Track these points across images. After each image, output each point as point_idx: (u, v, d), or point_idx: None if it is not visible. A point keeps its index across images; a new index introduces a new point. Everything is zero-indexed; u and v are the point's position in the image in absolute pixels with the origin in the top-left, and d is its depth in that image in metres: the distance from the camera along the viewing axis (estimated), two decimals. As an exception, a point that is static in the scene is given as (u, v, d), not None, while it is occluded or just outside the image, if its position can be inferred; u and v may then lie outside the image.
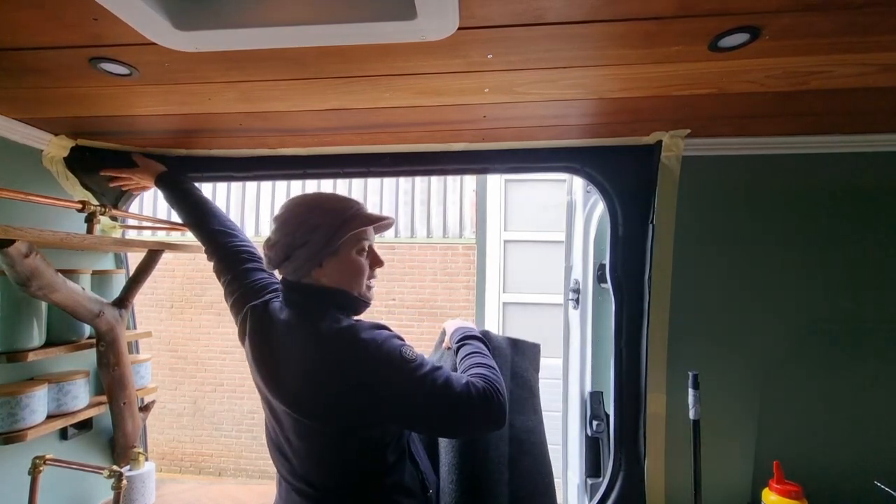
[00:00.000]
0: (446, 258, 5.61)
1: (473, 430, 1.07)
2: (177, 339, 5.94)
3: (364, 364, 0.94)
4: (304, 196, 1.10)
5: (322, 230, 1.02)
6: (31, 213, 1.40)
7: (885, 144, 1.36)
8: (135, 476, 1.55)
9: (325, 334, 0.98)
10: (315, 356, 0.97)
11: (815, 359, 1.42)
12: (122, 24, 0.81)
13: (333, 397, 0.95)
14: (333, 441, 0.99)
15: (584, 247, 1.99)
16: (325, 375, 0.96)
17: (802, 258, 1.41)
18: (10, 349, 1.29)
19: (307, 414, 0.98)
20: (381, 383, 0.94)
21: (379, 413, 0.96)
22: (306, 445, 1.01)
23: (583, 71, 1.00)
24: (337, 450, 1.00)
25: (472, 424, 1.00)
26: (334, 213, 1.05)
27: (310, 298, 1.06)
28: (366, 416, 0.96)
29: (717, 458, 1.40)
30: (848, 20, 0.80)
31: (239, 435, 5.80)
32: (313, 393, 0.97)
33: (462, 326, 1.28)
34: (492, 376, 1.01)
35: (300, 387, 0.98)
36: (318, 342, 0.98)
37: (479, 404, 0.95)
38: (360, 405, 0.95)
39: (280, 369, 1.01)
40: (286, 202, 1.10)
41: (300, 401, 0.98)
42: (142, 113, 1.27)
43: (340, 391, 0.94)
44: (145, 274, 1.60)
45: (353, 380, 0.94)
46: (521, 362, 1.33)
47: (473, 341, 1.20)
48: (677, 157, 1.39)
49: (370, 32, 0.83)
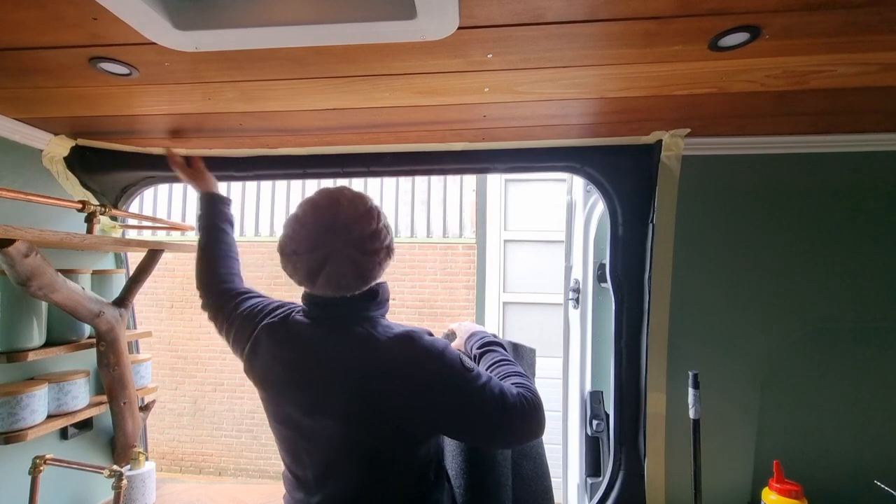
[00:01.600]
0: (446, 258, 5.61)
1: (521, 440, 1.02)
2: (177, 338, 5.94)
3: (428, 371, 0.90)
4: (351, 189, 0.99)
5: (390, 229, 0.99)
6: (31, 213, 1.40)
7: (885, 144, 1.36)
8: (135, 476, 1.55)
9: (383, 340, 0.92)
10: (375, 362, 0.92)
11: (815, 358, 1.42)
12: (121, 24, 0.81)
13: (393, 406, 0.90)
14: (382, 457, 0.94)
15: (584, 246, 1.99)
16: (386, 381, 0.90)
17: (802, 257, 1.41)
18: (10, 349, 1.29)
19: (360, 425, 0.92)
20: (444, 391, 0.90)
21: (436, 421, 0.93)
22: (349, 462, 0.95)
23: (583, 70, 1.00)
24: (385, 466, 0.95)
25: (522, 434, 0.96)
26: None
27: (351, 305, 0.97)
28: (421, 426, 0.93)
29: (717, 458, 1.40)
30: (848, 19, 0.80)
31: (239, 435, 5.80)
32: (372, 402, 0.91)
33: (478, 331, 1.23)
34: (532, 387, 0.98)
35: (353, 397, 0.91)
36: (377, 348, 0.92)
37: (531, 415, 0.92)
38: (419, 413, 0.91)
39: (325, 382, 0.93)
40: (351, 194, 0.96)
41: (351, 412, 0.92)
42: (142, 113, 1.27)
43: (401, 398, 0.90)
44: (145, 274, 1.60)
45: (417, 387, 0.90)
46: (522, 366, 1.33)
47: (498, 348, 1.15)
48: (677, 157, 1.39)
49: (370, 32, 0.83)
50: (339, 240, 0.91)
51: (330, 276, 0.92)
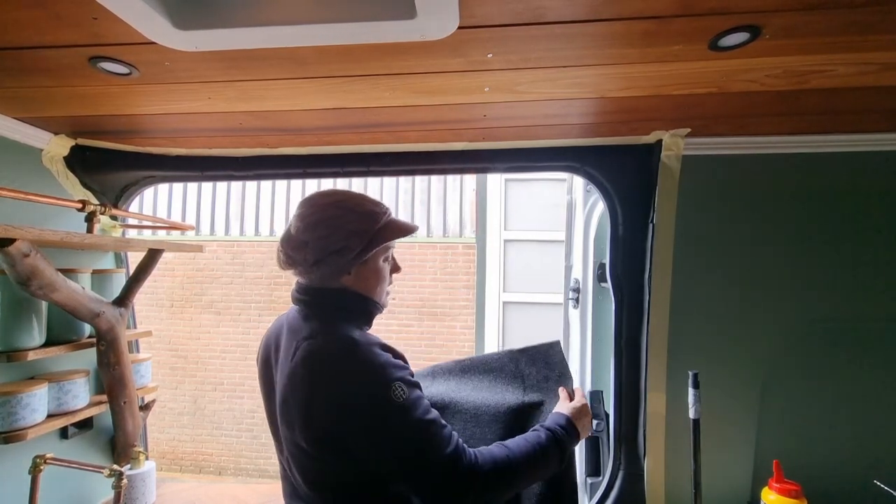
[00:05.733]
0: (446, 257, 5.61)
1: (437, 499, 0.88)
2: (177, 338, 5.94)
3: (350, 385, 0.85)
4: (333, 194, 0.98)
5: (359, 237, 0.94)
6: (31, 213, 1.40)
7: (885, 144, 1.36)
8: (135, 475, 1.55)
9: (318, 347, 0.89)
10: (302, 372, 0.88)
11: (815, 358, 1.42)
12: (121, 24, 0.81)
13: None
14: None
15: (584, 246, 1.99)
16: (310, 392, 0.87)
17: (802, 257, 1.41)
18: (10, 348, 1.29)
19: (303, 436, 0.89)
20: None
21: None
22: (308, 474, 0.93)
23: (583, 70, 1.00)
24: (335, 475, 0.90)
25: (444, 495, 0.84)
26: (370, 219, 0.96)
27: (328, 305, 0.97)
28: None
29: (716, 457, 1.40)
30: (848, 19, 0.80)
31: (239, 434, 5.80)
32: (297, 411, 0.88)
33: (581, 418, 1.06)
34: (499, 464, 0.88)
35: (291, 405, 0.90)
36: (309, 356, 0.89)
37: (461, 478, 0.83)
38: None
39: (281, 380, 0.93)
40: (313, 199, 0.98)
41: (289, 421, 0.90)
42: (142, 112, 1.27)
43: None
44: (145, 273, 1.60)
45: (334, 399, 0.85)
46: (533, 374, 1.20)
47: (553, 439, 0.98)
48: (677, 157, 1.39)
49: (370, 32, 0.83)
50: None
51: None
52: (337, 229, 0.93)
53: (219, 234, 6.02)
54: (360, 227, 0.95)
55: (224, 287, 5.91)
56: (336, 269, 0.95)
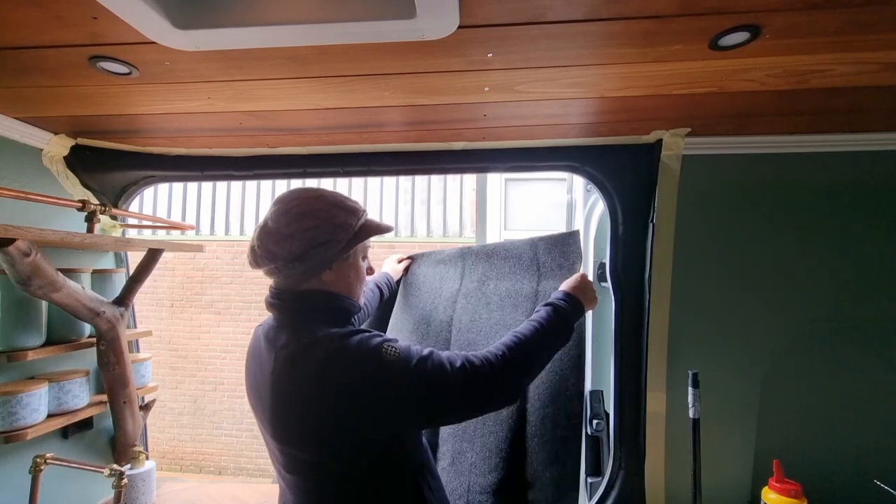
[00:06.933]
0: (446, 257, 5.61)
1: (483, 408, 0.99)
2: (177, 337, 5.95)
3: (344, 372, 0.87)
4: (315, 189, 0.99)
5: (344, 231, 0.95)
6: (31, 212, 1.40)
7: (885, 143, 1.36)
8: (135, 475, 1.55)
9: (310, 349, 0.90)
10: (292, 374, 0.90)
11: (815, 358, 1.42)
12: (121, 23, 0.81)
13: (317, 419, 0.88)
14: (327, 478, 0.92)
15: (584, 246, 1.99)
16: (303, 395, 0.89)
17: (802, 257, 1.41)
18: (10, 348, 1.29)
19: (294, 443, 0.92)
20: (367, 390, 0.86)
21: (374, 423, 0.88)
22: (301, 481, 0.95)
23: (583, 69, 1.00)
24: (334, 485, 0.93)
25: (477, 403, 0.94)
26: (353, 214, 0.98)
27: (305, 309, 0.96)
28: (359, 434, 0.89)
29: (717, 457, 1.40)
30: (848, 18, 0.80)
31: (239, 434, 5.81)
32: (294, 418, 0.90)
33: (582, 291, 1.16)
34: (505, 354, 0.96)
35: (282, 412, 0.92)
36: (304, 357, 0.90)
37: (479, 382, 0.91)
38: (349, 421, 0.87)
39: (268, 395, 0.93)
40: (295, 192, 0.98)
41: (283, 427, 0.92)
42: (142, 112, 1.27)
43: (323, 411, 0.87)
44: (145, 273, 1.60)
45: (335, 392, 0.87)
46: (549, 262, 1.23)
47: (555, 311, 1.09)
48: (677, 156, 1.39)
49: (370, 31, 0.83)
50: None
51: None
52: (324, 221, 0.94)
53: (219, 234, 6.02)
54: (345, 221, 0.96)
55: (224, 287, 5.91)
56: (318, 263, 0.95)
